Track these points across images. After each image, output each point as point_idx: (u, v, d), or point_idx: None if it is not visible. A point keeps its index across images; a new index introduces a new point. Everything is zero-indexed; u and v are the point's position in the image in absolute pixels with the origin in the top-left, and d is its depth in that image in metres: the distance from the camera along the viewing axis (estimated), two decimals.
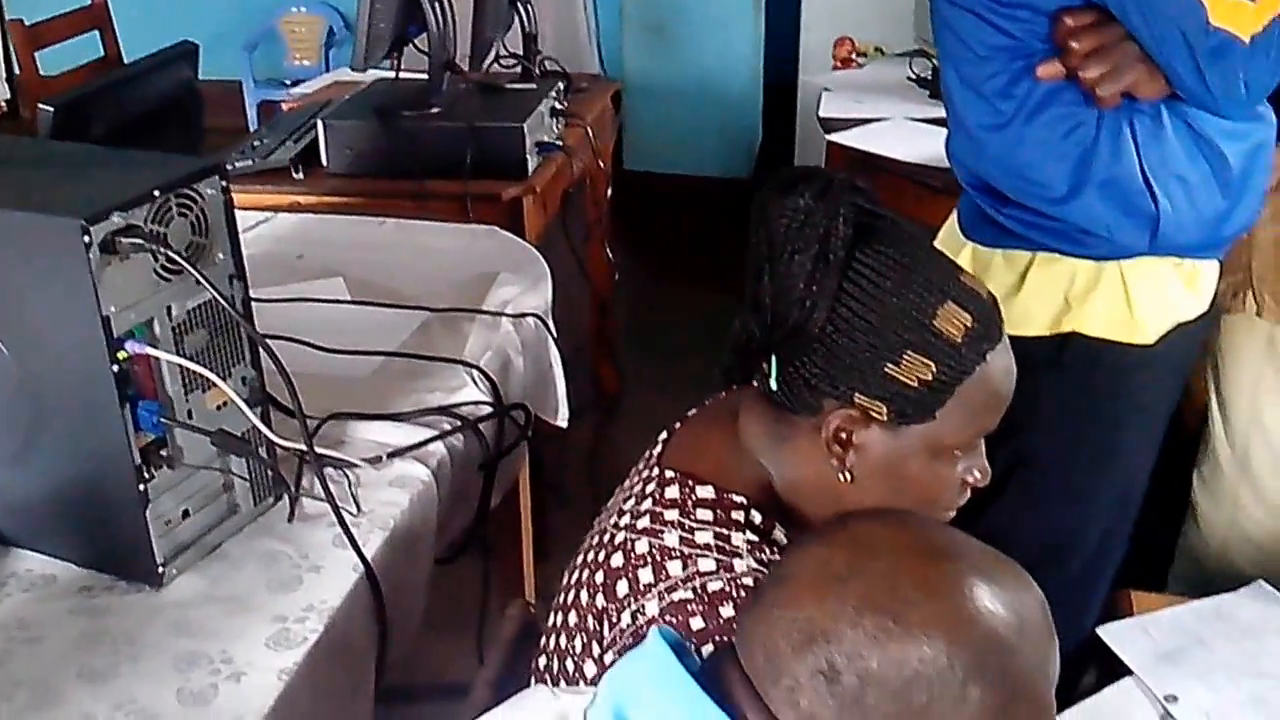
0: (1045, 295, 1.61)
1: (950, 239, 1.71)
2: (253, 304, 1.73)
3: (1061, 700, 1.44)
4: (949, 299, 1.08)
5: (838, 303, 1.07)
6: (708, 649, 1.01)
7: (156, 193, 1.27)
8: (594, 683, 1.01)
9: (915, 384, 1.07)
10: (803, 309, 1.07)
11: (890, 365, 1.07)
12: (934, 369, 1.07)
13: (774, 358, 1.11)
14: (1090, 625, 1.60)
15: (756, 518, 1.14)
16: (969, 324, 1.08)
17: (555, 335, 2.05)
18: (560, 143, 2.68)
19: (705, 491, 1.14)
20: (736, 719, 0.77)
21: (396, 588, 1.45)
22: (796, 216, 1.07)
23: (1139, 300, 1.59)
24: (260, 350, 1.41)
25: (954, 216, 1.74)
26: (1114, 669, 1.51)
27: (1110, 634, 1.56)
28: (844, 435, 1.10)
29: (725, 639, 0.99)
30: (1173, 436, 2.01)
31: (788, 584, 0.80)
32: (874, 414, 1.09)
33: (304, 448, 1.43)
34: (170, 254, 1.27)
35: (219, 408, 1.39)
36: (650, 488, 1.18)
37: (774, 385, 1.11)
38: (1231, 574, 1.70)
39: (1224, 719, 1.42)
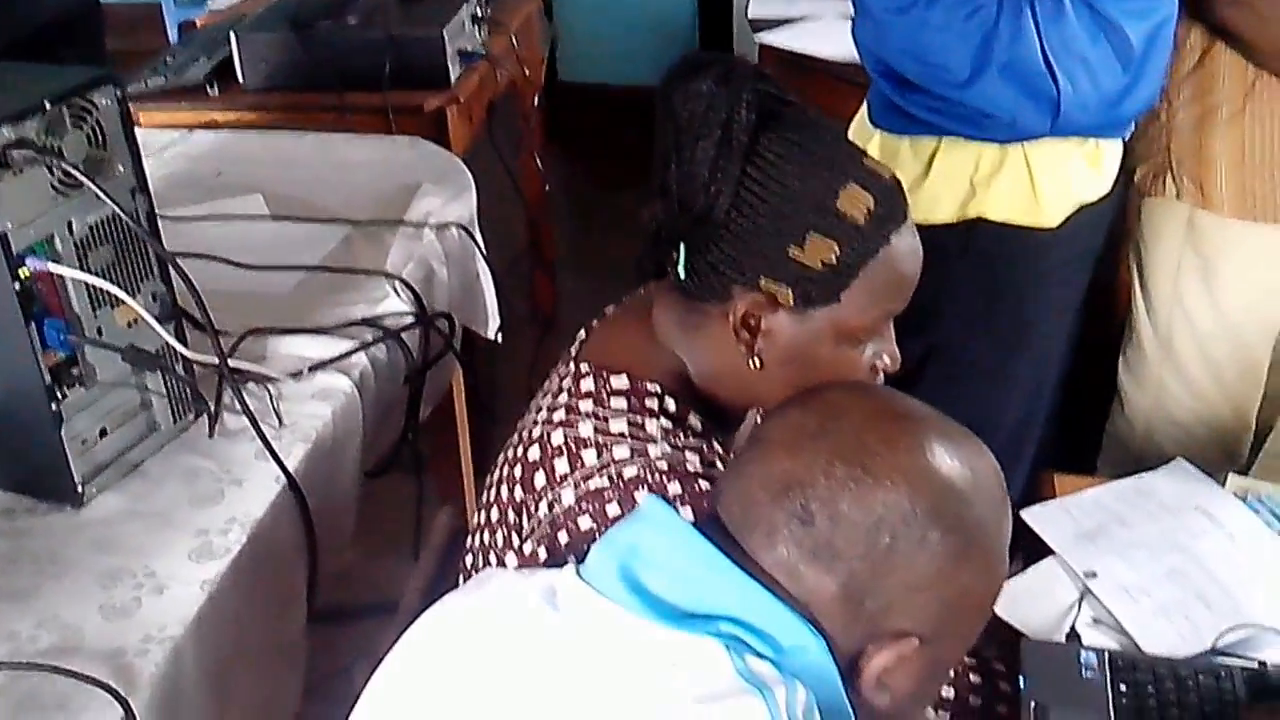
0: (951, 181, 1.62)
1: (860, 129, 1.71)
2: (171, 223, 1.70)
3: None
4: (851, 180, 1.08)
5: (741, 187, 1.07)
6: None
7: (47, 104, 1.23)
8: None
9: (819, 266, 1.07)
10: (707, 195, 1.07)
11: (794, 248, 1.07)
12: (837, 250, 1.07)
13: (682, 246, 1.11)
14: (1014, 508, 1.62)
15: (671, 405, 1.15)
16: (871, 205, 1.08)
17: (481, 246, 2.03)
18: (484, 51, 2.63)
19: (619, 381, 1.15)
20: (742, 569, 0.82)
21: (322, 499, 1.45)
22: (700, 103, 1.06)
23: (1042, 183, 1.60)
24: (171, 266, 1.38)
25: (864, 107, 1.74)
26: (1039, 552, 1.54)
27: (1033, 516, 1.58)
28: (751, 321, 1.10)
29: None
30: (1102, 324, 2.04)
31: (764, 446, 0.87)
32: (780, 298, 1.09)
33: (216, 361, 1.41)
34: (65, 167, 1.24)
35: (130, 324, 1.37)
36: (566, 382, 1.18)
37: (682, 274, 1.11)
38: (1157, 456, 1.72)
39: (1142, 593, 1.45)
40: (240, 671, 1.28)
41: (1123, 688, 1.30)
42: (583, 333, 1.26)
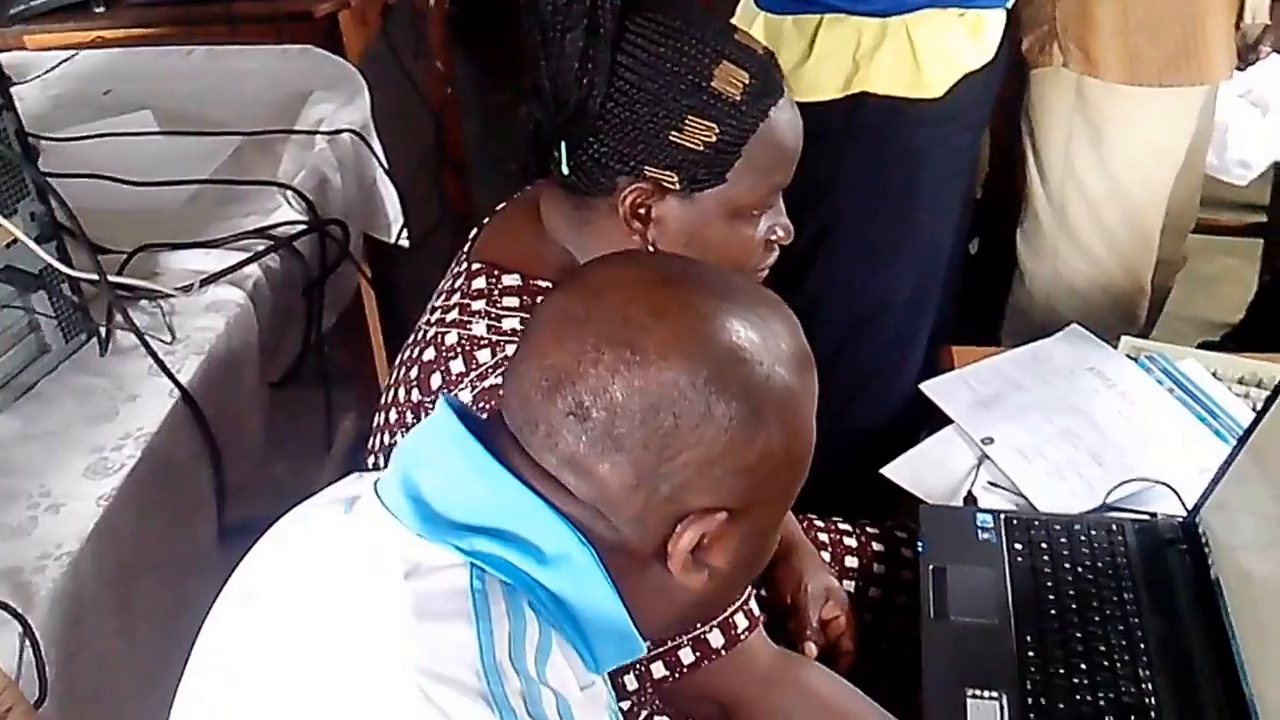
0: (834, 58, 1.61)
1: (744, 11, 1.70)
2: (60, 144, 1.66)
3: (891, 459, 1.52)
4: (724, 58, 1.07)
5: (614, 76, 1.06)
6: None
7: None
8: None
9: (701, 147, 1.07)
10: (581, 87, 1.06)
11: (674, 132, 1.07)
12: (717, 130, 1.07)
13: (563, 143, 1.10)
14: (913, 381, 1.65)
15: None
16: (746, 81, 1.08)
17: (377, 151, 2.00)
18: None
19: (511, 279, 1.14)
20: (508, 469, 0.79)
21: (221, 410, 1.44)
22: None
23: (924, 54, 1.60)
24: (51, 185, 1.35)
25: None
26: (942, 424, 1.57)
27: (932, 388, 1.61)
28: (641, 210, 1.10)
29: None
30: (1002, 199, 2.06)
31: (532, 338, 0.82)
32: (666, 184, 1.09)
33: (95, 277, 1.39)
34: None
35: (8, 245, 1.34)
36: (459, 282, 1.18)
37: (565, 170, 1.10)
38: (1057, 324, 1.74)
39: (1036, 454, 1.49)
40: (144, 584, 1.28)
41: (1018, 546, 1.34)
42: (475, 231, 1.25)
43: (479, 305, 1.13)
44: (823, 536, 1.45)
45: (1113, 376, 1.59)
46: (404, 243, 2.10)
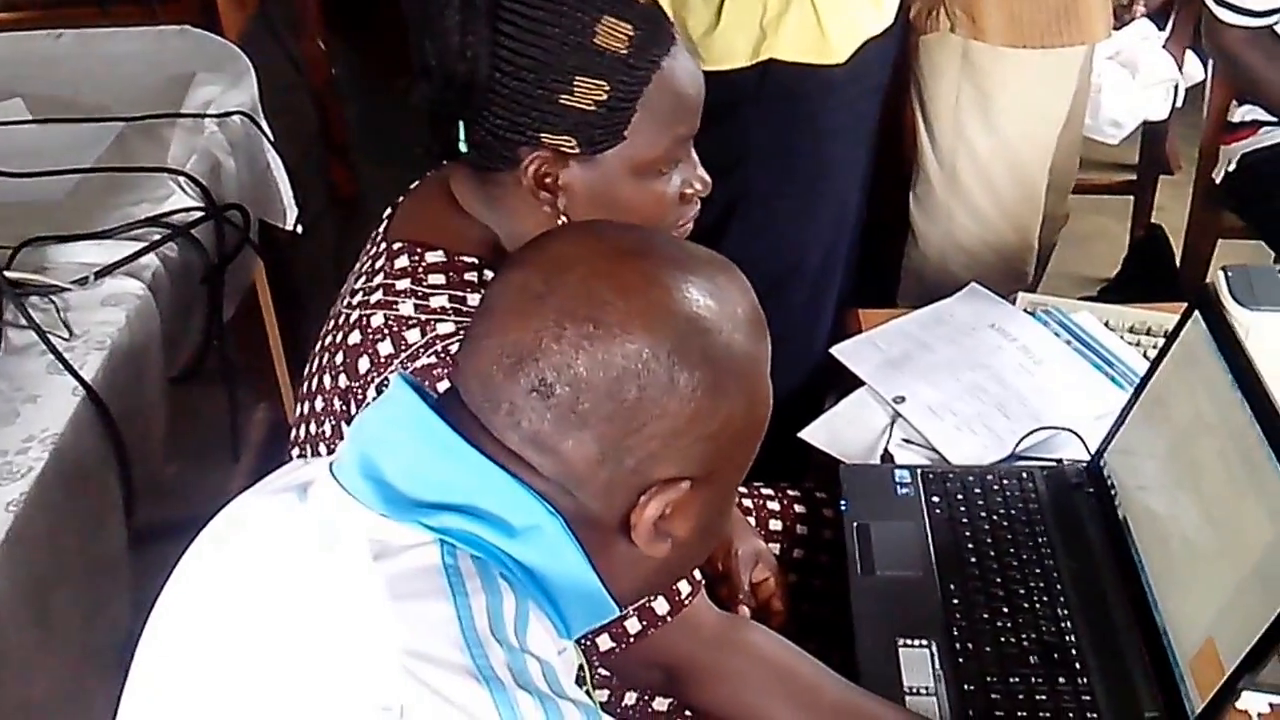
0: (741, 25, 1.63)
1: None
2: None
3: (807, 423, 1.54)
4: (604, 13, 1.06)
5: (496, 46, 1.04)
6: None
7: None
8: None
9: (593, 107, 1.06)
10: (465, 62, 1.04)
11: (564, 96, 1.05)
12: (607, 87, 1.06)
13: (459, 121, 1.09)
14: (824, 346, 1.68)
15: (490, 276, 1.13)
16: (631, 33, 1.06)
17: (268, 133, 1.95)
18: None
19: (435, 256, 1.13)
20: (477, 449, 0.78)
21: (127, 408, 1.40)
22: None
23: (829, 20, 1.62)
24: None
25: None
26: (852, 386, 1.60)
27: (842, 351, 1.64)
28: (547, 179, 1.09)
29: None
30: (892, 164, 2.10)
31: (491, 314, 0.80)
32: (565, 149, 1.07)
33: None
34: None
35: None
36: (380, 263, 1.15)
37: (464, 149, 1.09)
38: (951, 283, 1.79)
39: (946, 410, 1.53)
40: (60, 592, 1.24)
41: (935, 499, 1.38)
42: (390, 211, 1.23)
43: (404, 284, 1.11)
44: (746, 502, 1.46)
45: (1013, 331, 1.64)
46: (298, 228, 2.06)
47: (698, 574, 1.13)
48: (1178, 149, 2.89)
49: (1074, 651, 1.19)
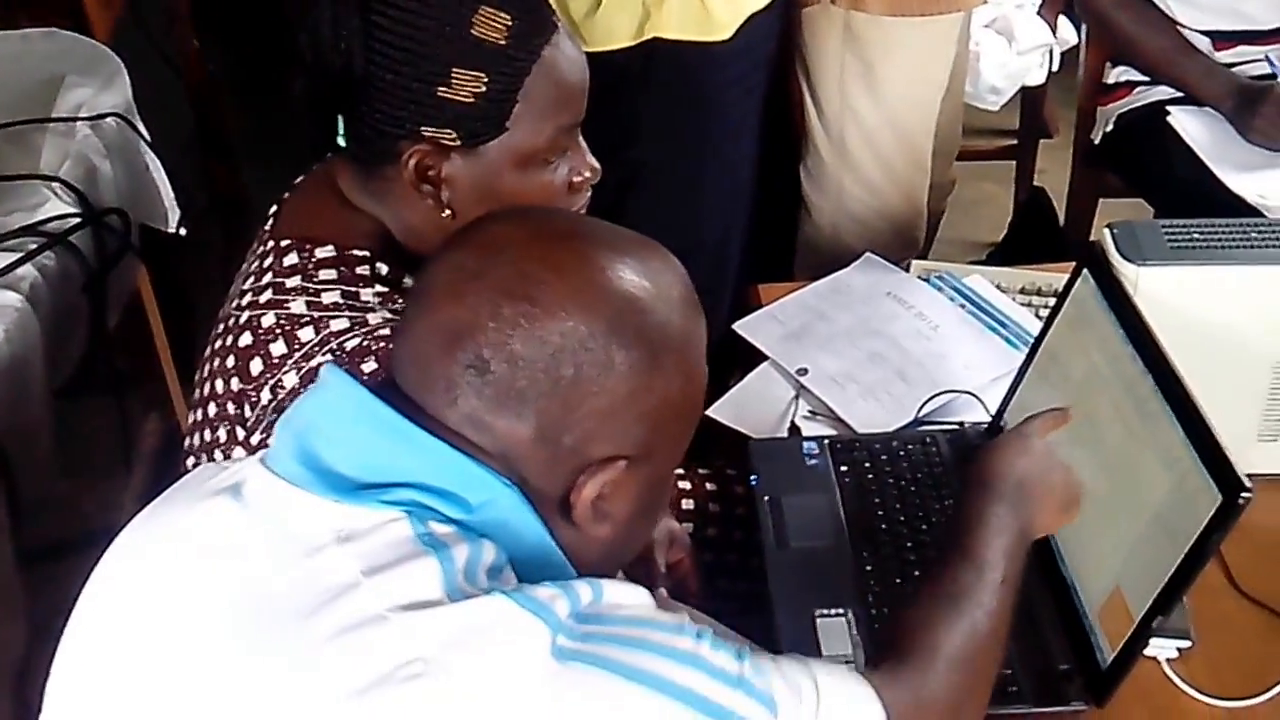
0: (624, 5, 1.63)
1: None
2: None
3: (713, 400, 1.55)
4: (481, 3, 1.04)
5: (370, 39, 1.03)
6: None
7: None
8: None
9: (472, 99, 1.04)
10: (339, 55, 1.02)
11: (442, 88, 1.04)
12: (486, 79, 1.04)
13: (338, 115, 1.06)
14: (725, 322, 1.69)
15: (383, 269, 1.11)
16: (509, 22, 1.05)
17: (145, 135, 1.89)
18: None
19: (325, 252, 1.11)
20: (423, 429, 0.77)
21: (10, 424, 1.35)
22: None
23: None
24: None
25: None
26: (756, 361, 1.61)
27: (744, 327, 1.65)
28: (429, 173, 1.07)
29: None
30: (783, 138, 2.12)
31: (426, 295, 0.80)
32: (446, 141, 1.06)
33: None
34: None
35: None
36: (268, 262, 1.13)
37: (343, 142, 1.07)
38: (846, 254, 1.81)
39: (848, 379, 1.55)
40: None
41: (844, 469, 1.40)
42: (275, 208, 1.20)
43: (294, 282, 1.09)
44: None
45: (909, 298, 1.66)
46: (181, 230, 2.00)
47: None
48: (1056, 112, 2.95)
49: None
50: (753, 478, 1.39)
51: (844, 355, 1.58)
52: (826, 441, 1.44)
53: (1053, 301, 1.34)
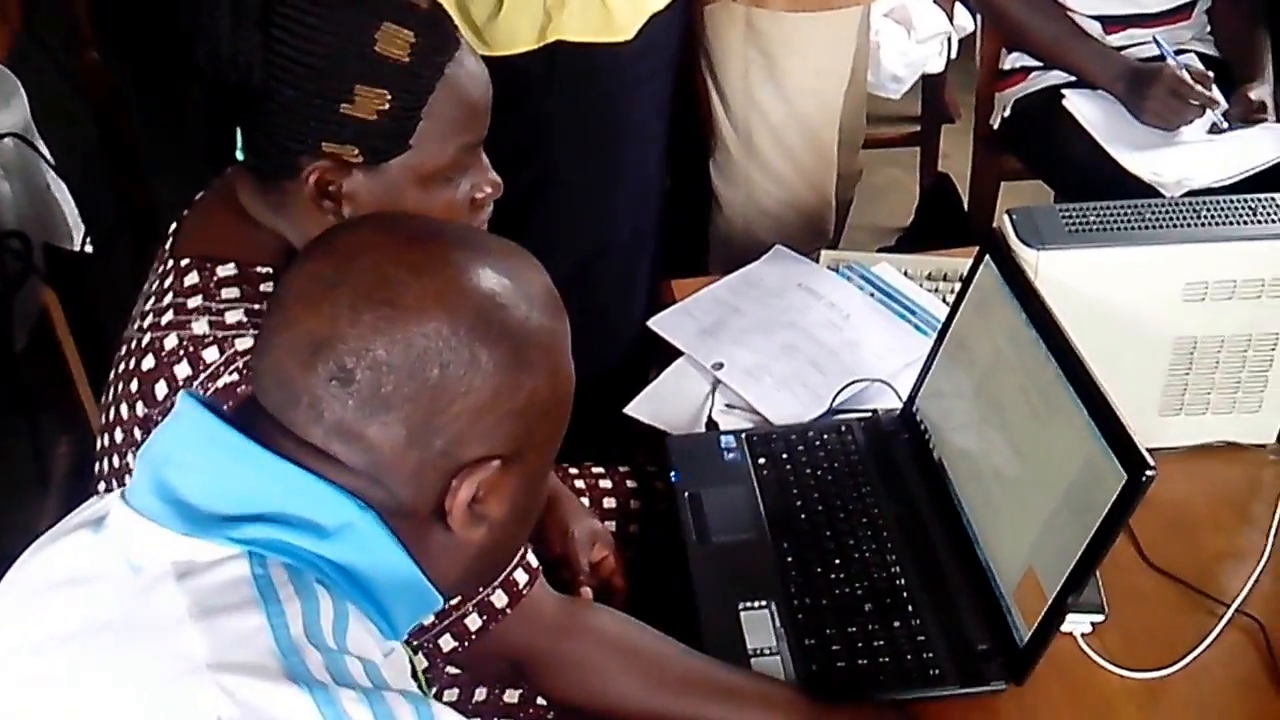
0: (525, 9, 1.63)
1: None
2: None
3: (631, 398, 1.56)
4: (384, 20, 1.03)
5: (270, 53, 1.01)
6: None
7: None
8: None
9: (375, 117, 1.03)
10: (237, 68, 1.01)
11: (344, 104, 1.03)
12: (389, 96, 1.03)
13: (236, 127, 1.05)
14: (640, 320, 1.70)
15: None
16: (413, 40, 1.04)
17: (45, 154, 1.86)
18: None
19: (227, 270, 1.09)
20: (276, 453, 0.76)
21: None
22: None
23: None
24: None
25: None
26: (673, 357, 1.62)
27: (659, 323, 1.66)
28: (330, 188, 1.06)
29: None
30: (693, 134, 2.13)
31: (283, 308, 0.78)
32: (348, 159, 1.05)
33: None
34: None
35: None
36: (169, 282, 1.11)
37: (241, 155, 1.06)
38: (757, 247, 1.83)
39: (763, 371, 1.56)
40: None
41: (761, 461, 1.42)
42: (175, 226, 1.19)
43: (196, 302, 1.07)
44: (579, 483, 1.47)
45: (819, 289, 1.69)
46: (87, 248, 1.96)
47: (535, 562, 1.14)
48: (957, 98, 3.01)
49: (905, 595, 1.24)
50: (672, 474, 1.40)
51: (758, 348, 1.59)
52: (743, 435, 1.45)
53: (958, 286, 1.36)
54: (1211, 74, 1.99)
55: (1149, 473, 1.03)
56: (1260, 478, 1.39)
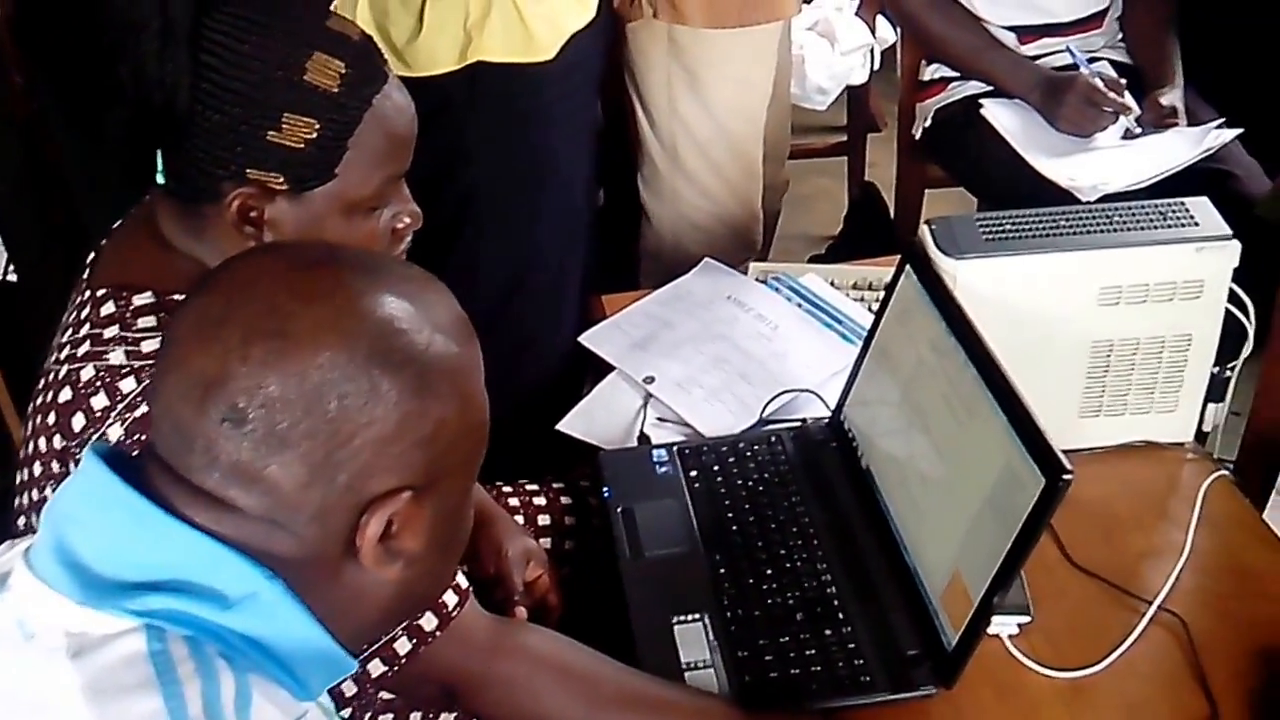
0: (445, 30, 1.63)
1: None
2: None
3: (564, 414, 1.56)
4: (315, 49, 1.04)
5: (199, 78, 1.01)
6: None
7: None
8: None
9: (303, 145, 1.04)
10: (163, 90, 1.01)
11: (272, 132, 1.03)
12: (317, 126, 1.04)
13: (157, 150, 1.05)
14: (571, 336, 1.70)
15: None
16: (343, 71, 1.05)
17: None
18: None
19: (143, 299, 1.08)
20: (173, 514, 0.73)
21: None
22: None
23: (531, 19, 1.65)
24: None
25: None
26: (606, 373, 1.62)
27: (590, 339, 1.67)
28: (252, 214, 1.05)
29: None
30: (619, 149, 2.14)
31: (173, 348, 0.75)
32: (272, 185, 1.05)
33: None
34: None
35: None
36: (85, 312, 1.10)
37: (162, 179, 1.05)
38: (687, 260, 1.84)
39: (693, 384, 1.57)
40: None
41: (693, 474, 1.42)
42: (91, 256, 1.18)
43: (112, 332, 1.06)
44: (513, 501, 1.47)
45: (748, 300, 1.70)
46: (10, 276, 1.93)
47: (464, 583, 1.13)
48: (883, 107, 3.05)
49: (836, 603, 1.25)
50: (605, 490, 1.41)
51: (688, 361, 1.60)
52: (675, 448, 1.46)
53: (883, 295, 1.38)
54: (1124, 81, 2.03)
55: (1065, 477, 1.05)
56: (1179, 475, 1.42)
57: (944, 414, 1.23)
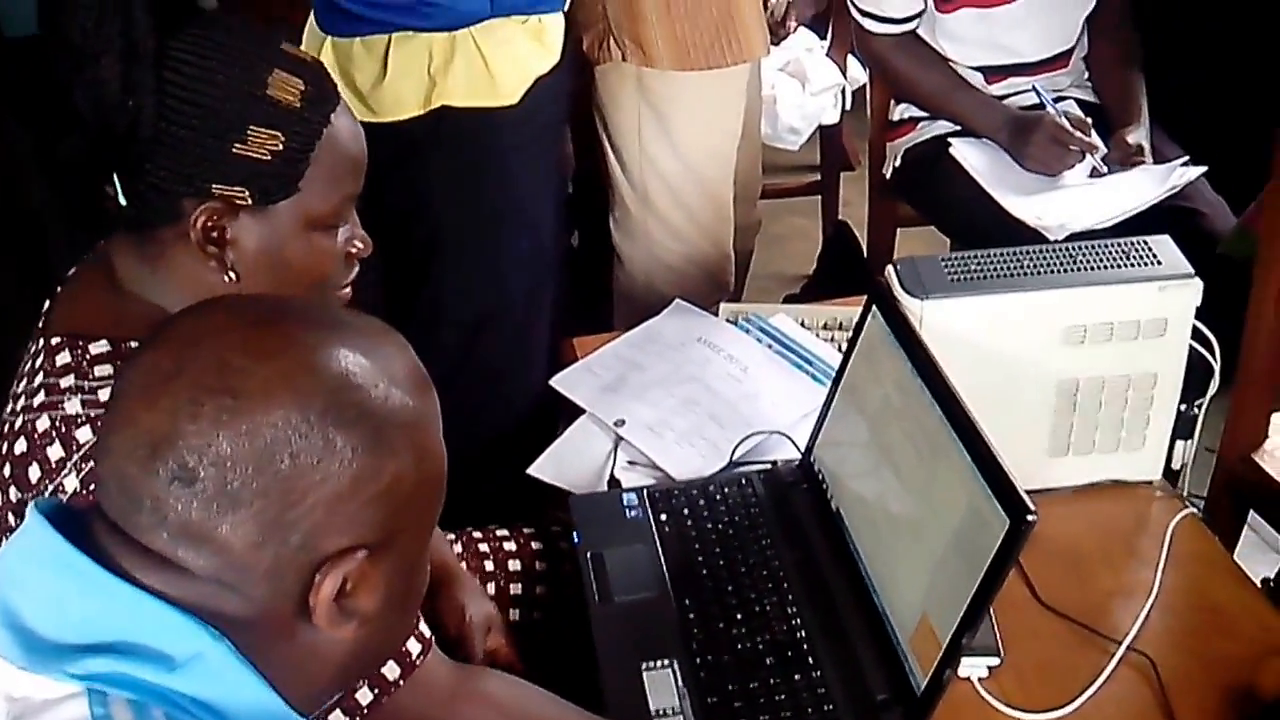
0: (409, 75, 1.64)
1: (311, 37, 1.68)
2: None
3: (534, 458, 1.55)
4: (276, 67, 1.06)
5: (164, 95, 1.02)
6: None
7: None
8: None
9: (268, 157, 1.05)
10: (126, 113, 1.01)
11: (238, 145, 1.04)
12: (282, 138, 1.06)
13: (115, 175, 1.05)
14: (541, 379, 1.70)
15: None
16: (303, 87, 1.07)
17: None
18: None
19: (99, 347, 1.08)
20: (118, 574, 0.72)
21: None
22: (90, 16, 1.00)
23: (496, 63, 1.66)
24: None
25: (310, 16, 1.71)
26: (577, 416, 1.62)
27: (561, 382, 1.67)
28: (215, 233, 1.06)
29: None
30: (592, 191, 2.15)
31: (120, 406, 0.73)
32: (238, 200, 1.06)
33: None
34: None
35: None
36: (40, 362, 1.09)
37: (123, 201, 1.05)
38: (659, 301, 1.85)
39: (664, 426, 1.57)
40: None
41: (663, 518, 1.42)
42: (46, 305, 1.17)
43: (69, 381, 1.05)
44: (483, 546, 1.46)
45: (718, 342, 1.70)
46: None
47: (427, 631, 1.12)
48: (856, 146, 3.07)
49: (805, 647, 1.24)
50: (575, 535, 1.40)
51: (659, 403, 1.60)
52: (645, 492, 1.45)
53: (851, 335, 1.38)
54: (1090, 120, 2.05)
55: (1030, 518, 1.04)
56: (1147, 514, 1.42)
57: (910, 455, 1.23)
